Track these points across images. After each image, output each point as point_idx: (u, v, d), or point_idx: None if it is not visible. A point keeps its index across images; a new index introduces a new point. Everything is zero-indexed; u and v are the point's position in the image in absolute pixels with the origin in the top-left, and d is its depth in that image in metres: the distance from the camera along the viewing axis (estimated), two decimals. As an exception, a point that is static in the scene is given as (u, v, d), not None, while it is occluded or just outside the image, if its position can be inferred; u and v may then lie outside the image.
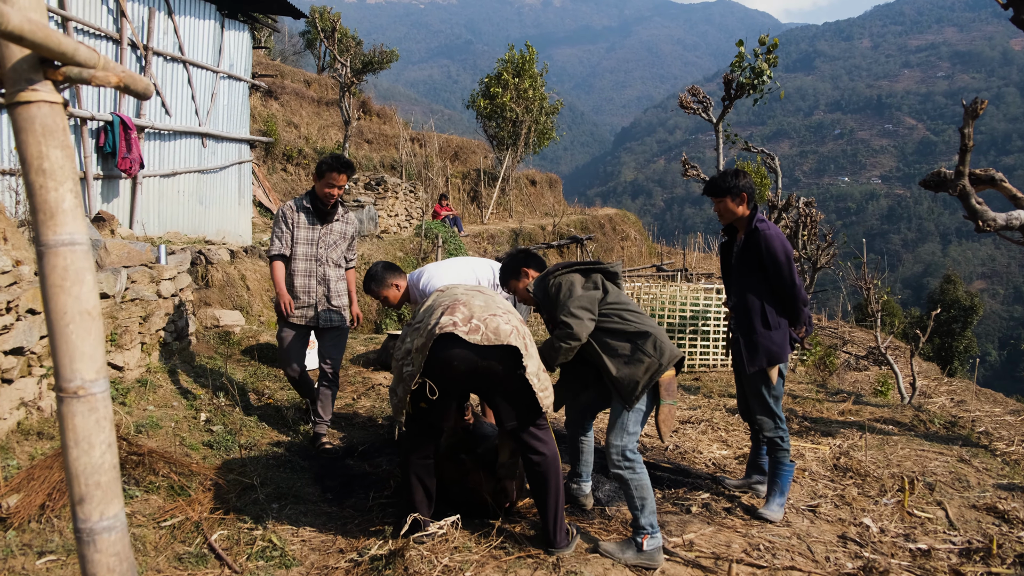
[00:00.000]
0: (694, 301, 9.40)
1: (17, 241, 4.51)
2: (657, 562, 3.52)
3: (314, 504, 4.17)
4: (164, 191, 10.32)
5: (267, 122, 20.81)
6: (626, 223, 31.28)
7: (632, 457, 3.68)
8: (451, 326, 3.36)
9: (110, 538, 2.14)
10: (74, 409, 2.09)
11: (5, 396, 4.08)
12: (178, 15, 10.34)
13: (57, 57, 2.06)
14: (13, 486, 3.58)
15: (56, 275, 2.07)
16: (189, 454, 4.53)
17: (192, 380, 5.70)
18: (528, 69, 27.24)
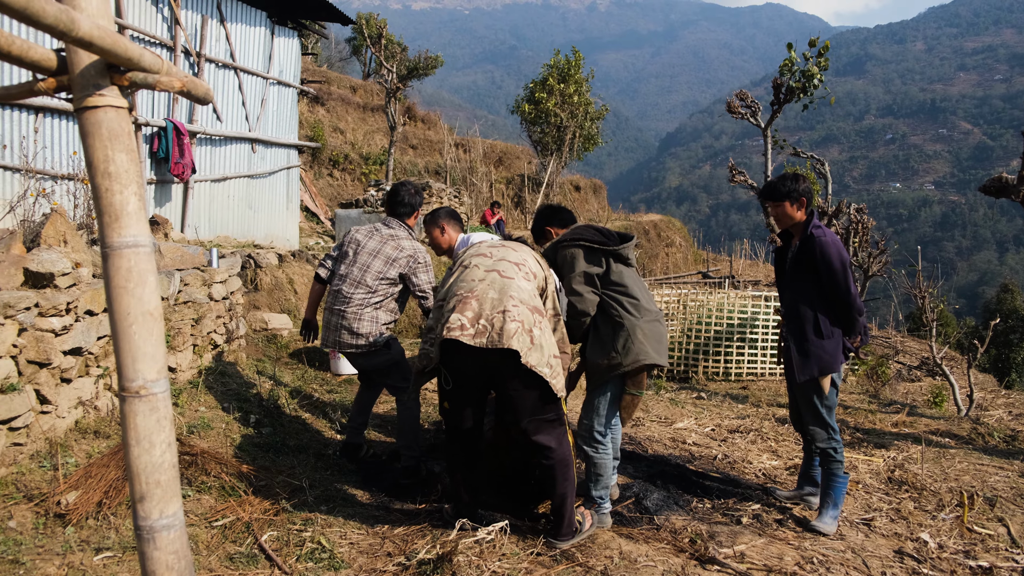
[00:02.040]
0: (742, 308, 9.27)
1: (76, 244, 4.62)
2: (606, 524, 3.98)
3: (362, 507, 4.18)
4: (215, 195, 10.51)
5: (314, 128, 21.09)
6: (671, 229, 31.01)
7: (600, 438, 4.03)
8: (458, 329, 3.43)
9: (169, 536, 2.16)
10: (136, 408, 2.12)
11: (64, 395, 4.17)
12: (230, 22, 10.53)
13: (123, 63, 2.09)
14: (72, 483, 3.66)
15: (120, 276, 2.10)
16: (240, 455, 4.59)
17: (242, 382, 5.78)
18: (573, 74, 27.17)
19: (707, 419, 6.42)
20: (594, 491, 4.00)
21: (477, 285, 3.59)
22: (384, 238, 4.81)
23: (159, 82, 2.15)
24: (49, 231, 4.44)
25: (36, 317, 3.91)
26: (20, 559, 3.09)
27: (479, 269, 3.71)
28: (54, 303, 4.02)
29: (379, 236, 4.82)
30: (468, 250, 3.96)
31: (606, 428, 4.06)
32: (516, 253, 3.86)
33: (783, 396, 7.73)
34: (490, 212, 19.40)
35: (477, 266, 3.74)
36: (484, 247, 3.92)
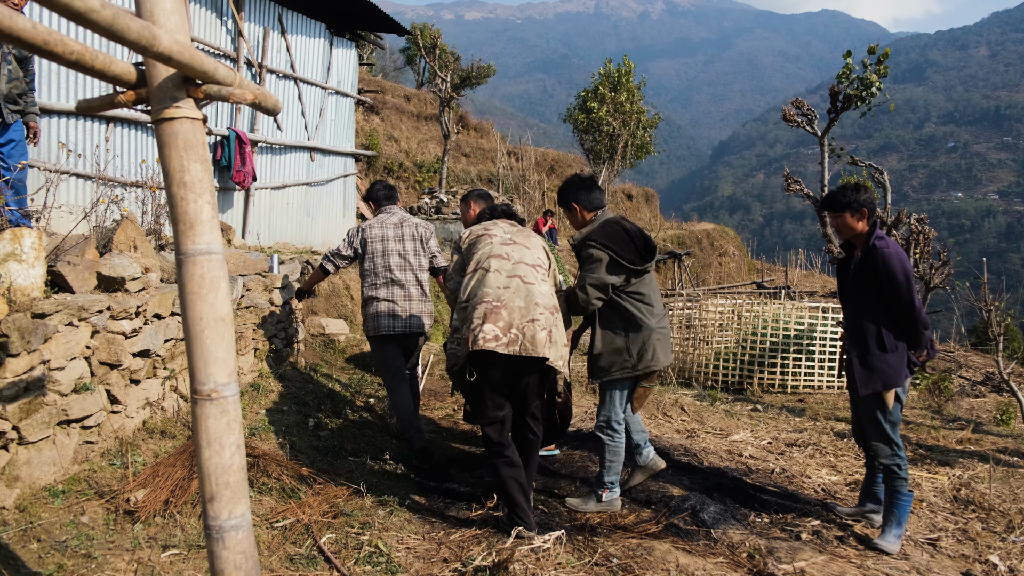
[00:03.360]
0: (799, 320, 9.12)
1: (146, 249, 4.77)
2: (615, 507, 4.41)
3: (418, 512, 4.22)
4: (274, 203, 10.74)
5: (369, 136, 21.39)
6: (724, 238, 30.65)
7: (616, 428, 4.40)
8: (492, 340, 3.71)
9: (237, 536, 2.22)
10: (207, 411, 2.19)
11: (133, 396, 4.31)
12: (291, 34, 10.77)
13: (199, 76, 2.17)
14: (140, 482, 3.77)
15: (194, 283, 2.17)
16: (299, 458, 4.67)
17: (301, 386, 5.88)
18: (626, 83, 27.08)
19: (763, 432, 6.33)
20: (607, 476, 4.41)
21: (503, 293, 3.84)
22: (400, 223, 5.45)
23: (232, 94, 2.23)
24: (120, 237, 4.59)
25: (108, 320, 4.05)
26: (92, 554, 3.20)
27: (500, 275, 3.92)
28: (125, 306, 4.15)
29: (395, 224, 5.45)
30: (481, 244, 4.15)
31: (620, 420, 4.42)
32: (530, 252, 4.10)
33: (841, 410, 7.58)
34: (542, 220, 19.43)
35: (498, 271, 3.94)
36: (497, 244, 4.10)
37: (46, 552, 3.17)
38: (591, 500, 4.42)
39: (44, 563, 3.09)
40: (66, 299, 3.81)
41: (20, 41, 1.69)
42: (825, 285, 23.91)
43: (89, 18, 1.63)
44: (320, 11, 11.40)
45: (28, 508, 3.41)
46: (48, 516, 3.40)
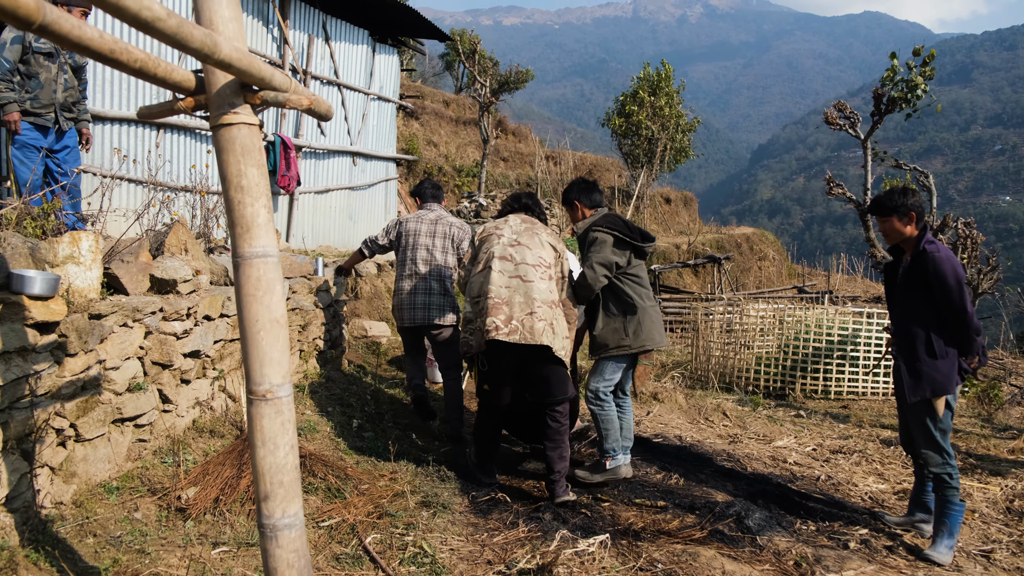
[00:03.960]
0: (842, 325, 8.98)
1: (196, 252, 4.87)
2: (621, 474, 4.75)
3: (461, 514, 4.25)
4: (318, 207, 10.89)
5: (409, 141, 21.56)
6: (764, 243, 30.27)
7: (604, 398, 4.81)
8: (494, 331, 4.26)
9: (290, 535, 2.26)
10: (262, 411, 2.23)
11: (183, 395, 4.40)
12: (334, 41, 10.92)
13: (256, 82, 2.22)
14: (191, 480, 3.85)
15: (250, 285, 2.22)
16: (343, 458, 4.73)
17: (345, 387, 5.95)
18: (664, 87, 26.95)
19: (807, 438, 6.25)
20: (606, 444, 4.78)
21: (503, 291, 4.36)
22: (436, 220, 5.75)
23: (288, 100, 2.27)
24: (172, 240, 4.69)
25: (160, 321, 4.15)
26: (146, 549, 3.28)
27: (503, 275, 4.41)
28: (176, 308, 4.25)
29: (430, 221, 5.74)
30: (488, 245, 4.60)
31: (607, 391, 4.83)
32: (532, 252, 4.51)
33: (886, 416, 7.45)
34: (580, 224, 19.37)
35: (501, 271, 4.43)
36: (502, 245, 4.53)
37: (102, 547, 3.25)
38: (597, 469, 4.84)
39: (100, 557, 3.17)
40: (121, 300, 3.90)
41: (88, 50, 1.75)
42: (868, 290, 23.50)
43: (156, 27, 1.68)
44: (363, 18, 11.54)
45: (84, 503, 3.51)
46: (103, 512, 3.49)
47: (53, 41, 1.67)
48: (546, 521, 4.14)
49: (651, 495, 4.63)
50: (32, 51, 5.30)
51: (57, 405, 3.45)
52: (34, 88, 5.38)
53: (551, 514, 4.25)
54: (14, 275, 3.27)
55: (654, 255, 22.43)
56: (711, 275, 22.79)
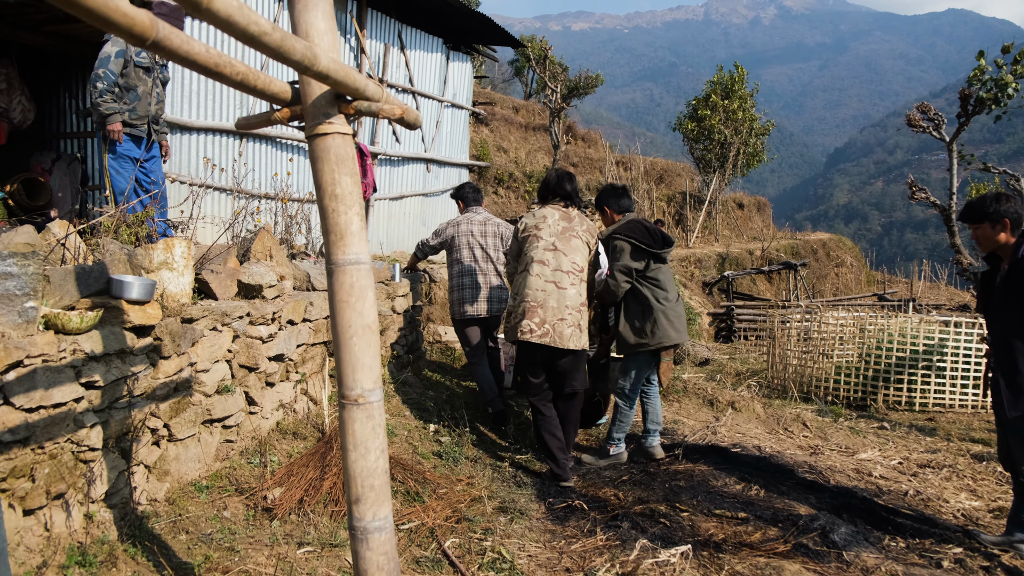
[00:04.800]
0: (928, 334, 8.66)
1: (280, 258, 5.00)
2: (622, 459, 5.40)
3: (538, 520, 4.25)
4: (392, 213, 11.06)
5: (480, 147, 21.71)
6: (841, 248, 29.46)
7: (630, 395, 5.35)
8: (528, 333, 4.78)
9: (380, 538, 2.29)
10: (354, 415, 2.27)
11: (268, 398, 4.52)
12: (409, 50, 11.09)
13: (351, 93, 2.26)
14: (276, 480, 3.95)
15: (343, 291, 2.26)
16: (421, 462, 4.78)
17: (421, 392, 6.02)
18: (737, 90, 26.50)
19: (892, 451, 6.04)
20: (615, 432, 5.40)
21: (539, 294, 4.82)
22: (485, 221, 6.22)
23: (381, 110, 2.31)
24: (257, 246, 4.83)
25: (247, 325, 4.27)
26: (235, 547, 3.37)
27: (540, 279, 4.86)
28: (262, 313, 4.36)
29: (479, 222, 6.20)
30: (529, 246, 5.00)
31: (634, 387, 5.34)
32: (567, 259, 4.92)
33: (977, 430, 7.14)
34: (652, 230, 19.20)
35: (539, 276, 4.88)
36: (541, 250, 4.94)
37: (194, 543, 3.36)
38: (601, 455, 5.42)
39: (192, 554, 3.28)
40: (211, 305, 4.03)
41: (195, 64, 1.81)
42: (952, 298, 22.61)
43: (262, 41, 1.73)
44: (438, 26, 11.69)
45: (177, 501, 3.63)
46: (194, 510, 3.61)
47: (164, 56, 1.74)
48: (624, 530, 4.10)
49: (731, 506, 4.54)
50: (133, 65, 5.53)
51: (152, 406, 3.58)
52: (132, 100, 5.61)
53: (629, 523, 4.21)
54: (114, 280, 3.41)
55: (727, 261, 22.08)
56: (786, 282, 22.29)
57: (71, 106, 9.56)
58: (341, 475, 4.01)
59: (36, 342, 2.89)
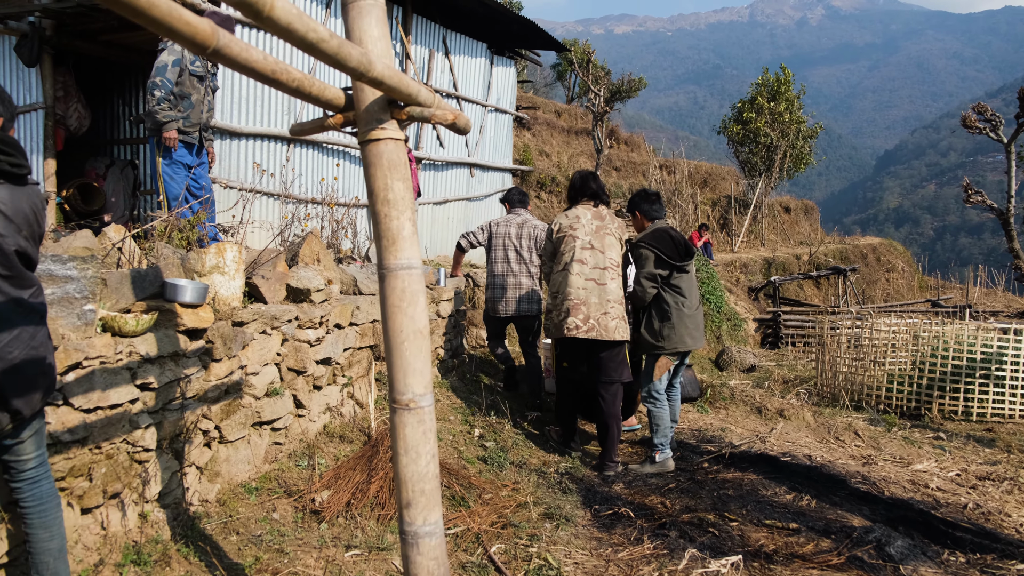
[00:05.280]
0: (985, 342, 8.41)
1: (327, 263, 5.04)
2: (668, 467, 5.36)
3: (584, 527, 4.21)
4: (436, 217, 11.11)
5: (523, 152, 21.73)
6: (892, 253, 28.87)
7: (656, 396, 5.42)
8: (575, 329, 5.10)
9: (431, 543, 2.29)
10: (405, 420, 2.27)
11: (315, 401, 4.55)
12: (454, 55, 11.14)
13: (404, 98, 2.26)
14: (324, 483, 3.97)
15: (395, 296, 2.27)
16: (466, 467, 4.78)
17: (465, 396, 6.02)
18: (784, 92, 26.14)
19: (949, 462, 5.87)
20: (656, 439, 5.41)
21: (581, 292, 5.16)
22: (523, 224, 6.49)
23: (434, 115, 2.31)
24: (305, 251, 4.88)
25: (296, 329, 4.31)
26: (284, 549, 3.40)
27: (580, 277, 5.20)
28: (310, 316, 4.40)
29: (518, 224, 6.48)
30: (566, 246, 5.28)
31: (660, 390, 5.43)
32: (604, 256, 5.28)
33: (1038, 442, 6.91)
34: (697, 235, 19.02)
35: (579, 274, 5.20)
36: (579, 249, 5.24)
37: (244, 544, 3.40)
38: (647, 462, 5.42)
39: (243, 555, 3.31)
40: (260, 309, 4.08)
41: (253, 71, 1.83)
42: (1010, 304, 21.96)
43: (320, 48, 1.74)
44: (482, 31, 11.73)
45: (227, 502, 3.67)
46: (244, 511, 3.65)
47: (223, 63, 1.76)
48: (672, 538, 4.05)
49: (782, 516, 4.45)
50: (188, 73, 5.64)
51: (204, 408, 3.63)
52: (186, 108, 5.72)
53: (677, 531, 4.15)
54: (168, 284, 3.47)
55: (773, 266, 21.77)
56: (835, 287, 21.90)
57: (124, 113, 9.80)
58: (388, 479, 4.03)
59: (94, 344, 2.95)
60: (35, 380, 2.42)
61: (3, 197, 2.35)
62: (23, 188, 2.44)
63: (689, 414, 7.12)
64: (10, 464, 2.48)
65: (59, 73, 8.22)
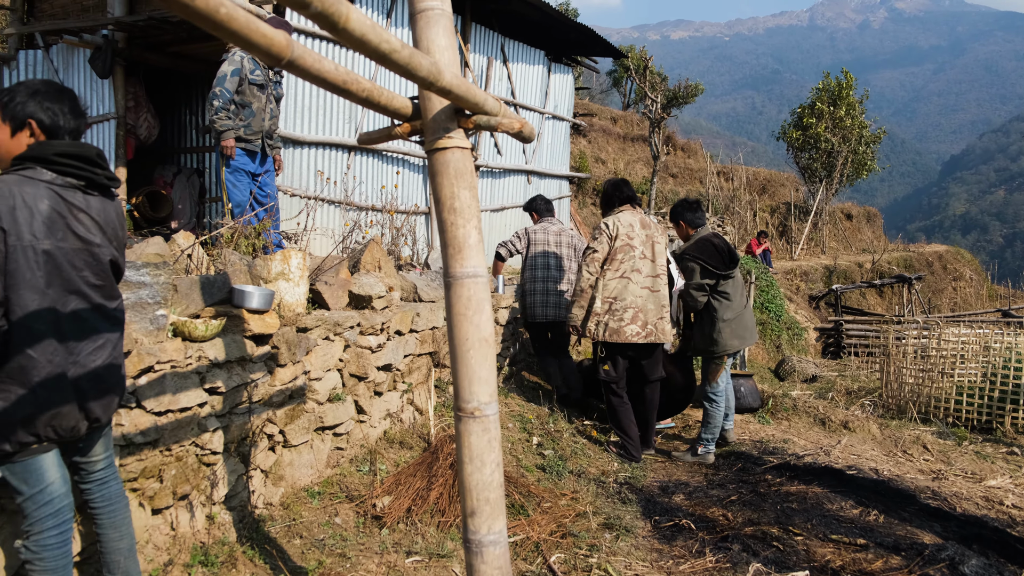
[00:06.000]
0: (1063, 355, 8.08)
1: (388, 269, 5.09)
2: (708, 460, 5.80)
3: (644, 539, 4.16)
4: (493, 224, 11.15)
5: (578, 159, 21.68)
6: (959, 261, 27.97)
7: (715, 398, 5.78)
8: (635, 336, 5.45)
9: (495, 552, 2.28)
10: (470, 428, 2.27)
11: (376, 407, 4.60)
12: (512, 62, 11.18)
13: (471, 107, 2.27)
14: (385, 489, 4.00)
15: (461, 304, 2.27)
16: (524, 475, 4.76)
17: (523, 404, 6.02)
18: (846, 97, 25.56)
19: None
20: (704, 434, 5.84)
21: (638, 300, 5.48)
22: (560, 232, 6.68)
23: (500, 124, 2.31)
24: (367, 257, 4.93)
25: (358, 335, 4.36)
26: (346, 553, 3.43)
27: (638, 286, 5.49)
28: (372, 323, 4.45)
29: (555, 232, 6.65)
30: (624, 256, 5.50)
31: (719, 391, 5.78)
32: (656, 264, 5.59)
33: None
34: (756, 242, 18.72)
35: (637, 283, 5.49)
36: (636, 259, 5.51)
37: (307, 548, 3.44)
38: (688, 452, 5.87)
39: (306, 558, 3.36)
40: (323, 315, 4.14)
41: (324, 82, 1.85)
42: (1086, 315, 21.06)
43: (392, 58, 1.75)
44: (540, 39, 11.75)
45: (290, 506, 3.73)
46: (307, 515, 3.69)
47: (296, 74, 1.78)
48: (735, 552, 3.97)
49: (849, 531, 4.33)
50: (248, 83, 5.76)
51: (269, 412, 3.69)
52: (247, 117, 5.84)
53: (740, 545, 4.07)
54: (236, 290, 3.54)
55: (834, 274, 21.29)
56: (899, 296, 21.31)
57: (191, 122, 10.07)
58: (447, 486, 4.04)
59: (165, 348, 3.02)
60: (114, 388, 2.50)
61: (97, 208, 2.43)
62: (112, 199, 2.52)
63: (750, 425, 6.99)
64: (80, 466, 2.55)
65: (130, 84, 8.49)
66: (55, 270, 2.27)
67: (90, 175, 2.40)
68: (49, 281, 2.26)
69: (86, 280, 2.36)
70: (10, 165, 2.33)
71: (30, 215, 2.21)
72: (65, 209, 2.32)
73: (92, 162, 2.41)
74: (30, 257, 2.21)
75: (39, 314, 2.24)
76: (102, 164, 2.45)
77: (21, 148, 2.35)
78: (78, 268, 2.34)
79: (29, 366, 2.22)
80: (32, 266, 2.21)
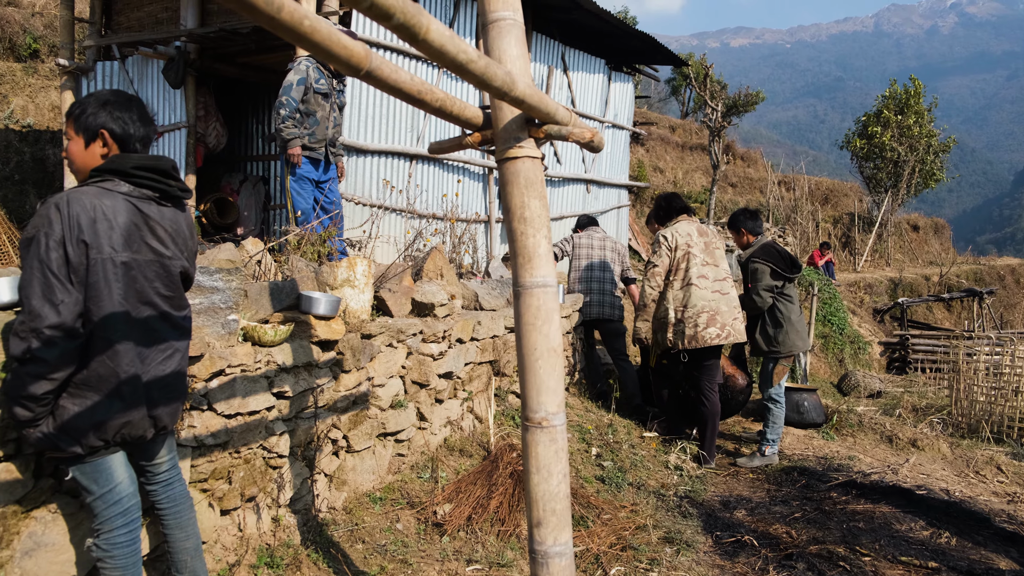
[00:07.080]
0: None
1: (450, 277, 5.12)
2: (774, 461, 5.93)
3: (706, 554, 4.09)
4: (553, 234, 11.14)
5: (637, 168, 21.54)
6: (1033, 275, 26.93)
7: (776, 399, 5.96)
8: (715, 338, 5.59)
9: (561, 563, 2.26)
10: (537, 438, 2.26)
11: (436, 414, 4.62)
12: (572, 71, 11.17)
13: (543, 117, 2.26)
14: (445, 496, 4.02)
15: (530, 314, 2.26)
16: (584, 486, 4.73)
17: (582, 414, 5.98)
18: (913, 104, 24.87)
19: (1107, 505, 5.39)
20: (769, 434, 5.98)
21: (711, 304, 5.63)
22: (603, 238, 7.24)
23: (571, 134, 2.30)
24: (429, 265, 4.97)
25: (420, 343, 4.39)
26: (408, 560, 3.45)
27: (707, 291, 5.66)
28: (434, 330, 4.48)
29: (599, 238, 7.21)
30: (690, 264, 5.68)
31: (780, 393, 5.96)
32: (719, 269, 5.78)
33: None
34: (819, 253, 18.33)
35: (706, 288, 5.66)
36: (699, 265, 5.69)
37: (369, 553, 3.47)
38: (755, 456, 5.96)
39: (368, 563, 3.38)
40: (387, 322, 4.18)
41: (400, 92, 1.87)
42: None
43: (468, 68, 1.76)
44: (600, 47, 11.72)
45: (353, 511, 3.77)
46: (369, 520, 3.73)
47: (373, 84, 1.80)
48: (799, 571, 3.88)
49: (919, 553, 4.19)
50: (313, 92, 5.87)
51: (333, 417, 3.74)
52: (312, 125, 5.94)
53: (804, 563, 3.97)
54: (303, 296, 3.60)
55: (900, 287, 20.72)
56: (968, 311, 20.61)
57: (257, 131, 10.31)
58: (507, 495, 4.03)
59: (236, 352, 3.09)
60: (180, 396, 2.57)
61: (170, 219, 2.49)
62: (183, 210, 2.59)
63: (814, 440, 6.83)
64: (146, 468, 2.61)
65: (200, 94, 8.74)
66: (131, 282, 2.34)
67: (164, 187, 2.46)
68: (126, 292, 2.32)
69: (157, 291, 2.43)
70: (88, 177, 2.40)
71: (109, 227, 2.28)
72: (141, 221, 2.38)
73: (167, 174, 2.47)
74: (109, 269, 2.27)
75: (116, 325, 2.30)
76: (176, 176, 2.51)
77: (95, 159, 2.41)
78: (150, 279, 2.40)
79: (106, 375, 2.29)
80: (111, 278, 2.28)
